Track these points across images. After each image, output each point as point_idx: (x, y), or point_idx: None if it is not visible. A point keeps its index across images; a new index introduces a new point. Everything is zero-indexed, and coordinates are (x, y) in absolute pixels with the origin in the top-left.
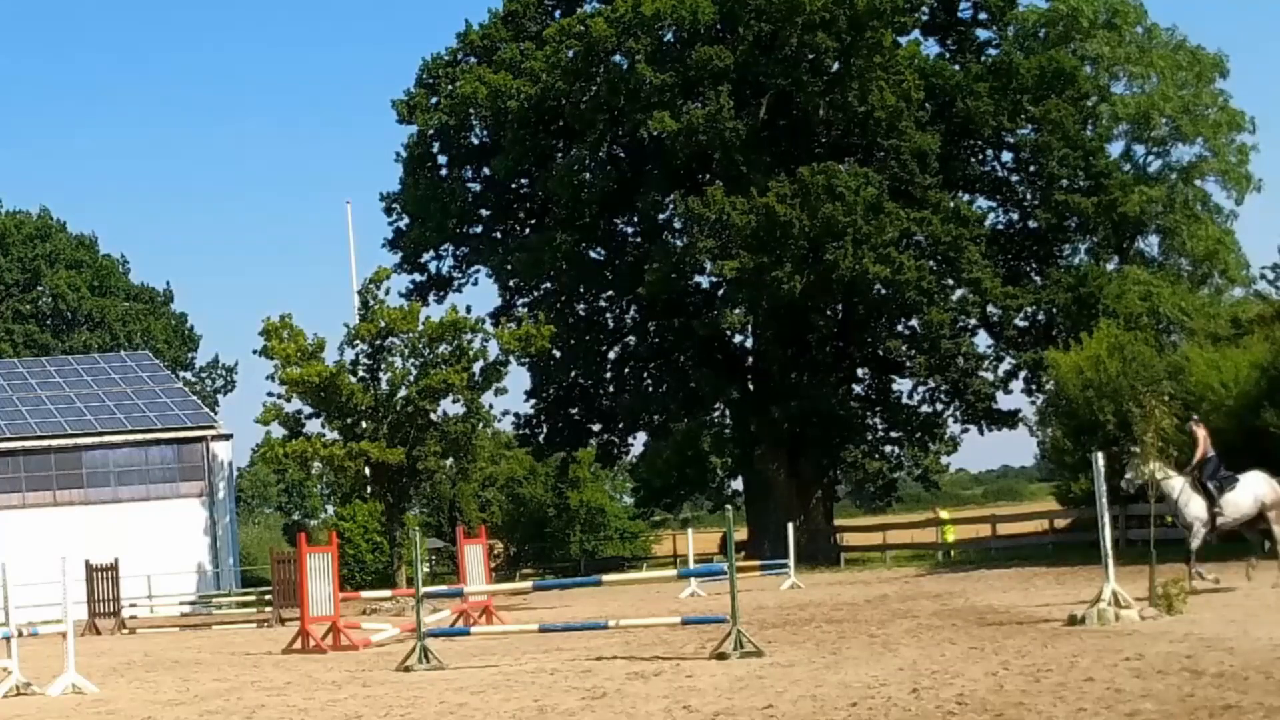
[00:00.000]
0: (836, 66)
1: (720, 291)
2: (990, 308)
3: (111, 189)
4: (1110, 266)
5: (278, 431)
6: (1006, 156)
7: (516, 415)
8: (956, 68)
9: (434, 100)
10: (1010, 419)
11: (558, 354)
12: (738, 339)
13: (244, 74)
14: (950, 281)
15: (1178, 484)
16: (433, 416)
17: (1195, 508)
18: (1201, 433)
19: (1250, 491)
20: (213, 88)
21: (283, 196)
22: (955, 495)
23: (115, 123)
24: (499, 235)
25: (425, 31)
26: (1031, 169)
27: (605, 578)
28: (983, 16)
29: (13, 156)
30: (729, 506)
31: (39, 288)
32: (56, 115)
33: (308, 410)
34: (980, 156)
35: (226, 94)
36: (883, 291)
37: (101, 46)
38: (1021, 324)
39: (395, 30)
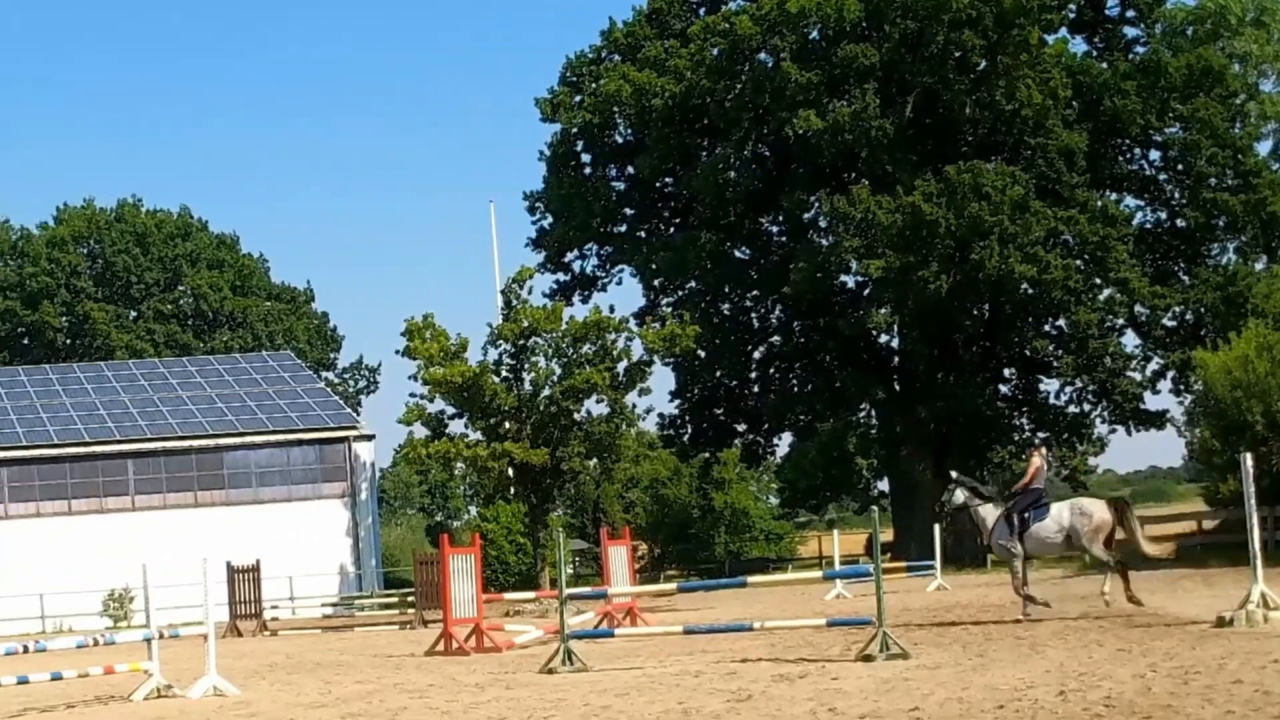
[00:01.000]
0: (983, 65)
1: (866, 291)
2: (1138, 307)
3: (252, 188)
4: (1259, 266)
5: (420, 432)
6: (1154, 155)
7: (661, 415)
8: (1104, 66)
9: (578, 98)
10: (1158, 419)
11: (702, 354)
12: (883, 339)
13: (387, 72)
14: (1098, 281)
15: (989, 514)
16: (576, 417)
17: (1002, 537)
18: (1035, 461)
19: (1055, 522)
20: (355, 85)
21: (426, 195)
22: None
23: (256, 121)
24: (643, 234)
25: (569, 29)
26: (1179, 168)
27: (750, 579)
28: (1130, 14)
29: (154, 155)
30: (875, 507)
31: (180, 287)
32: (197, 114)
33: (451, 410)
34: (1128, 155)
35: (368, 92)
36: (1029, 291)
37: (240, 45)
38: (1169, 324)
39: (539, 28)
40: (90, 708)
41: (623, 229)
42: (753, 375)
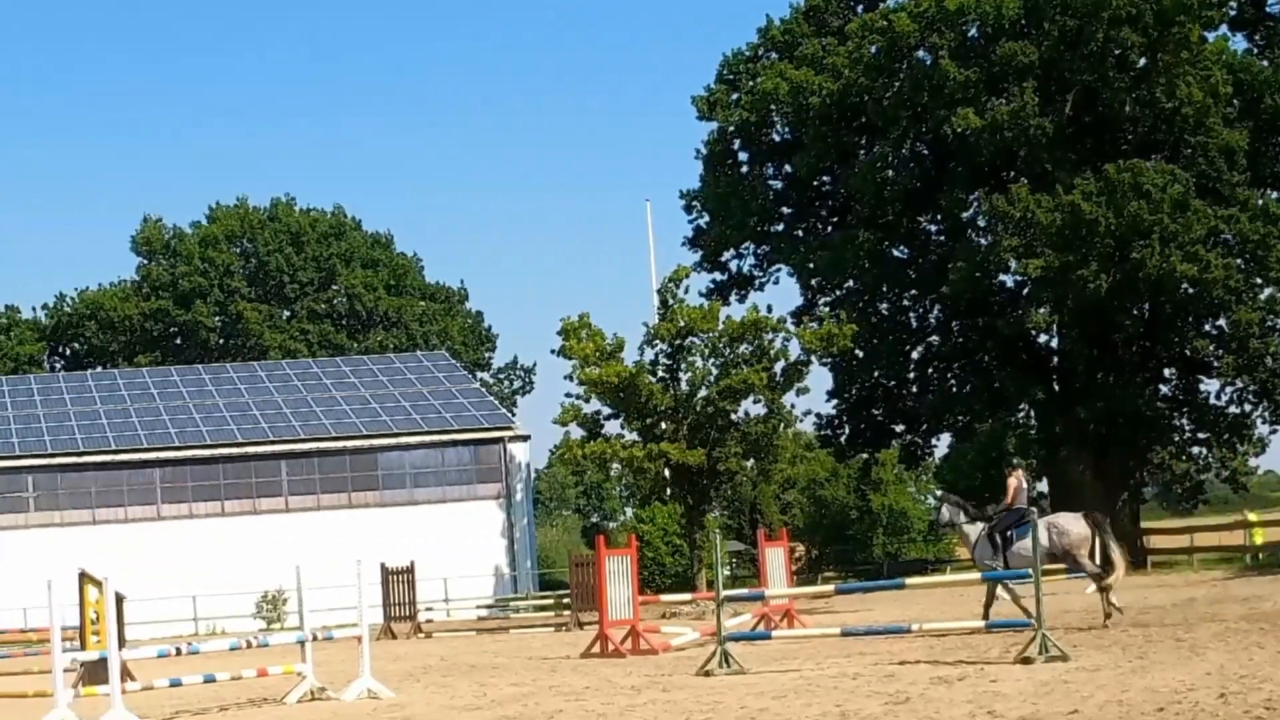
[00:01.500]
0: (1143, 62)
1: (1025, 290)
2: None
3: (406, 187)
4: None
5: (576, 432)
6: None
7: (818, 416)
8: (1265, 64)
9: (734, 96)
10: None
11: (860, 354)
12: (1042, 338)
13: (540, 69)
14: (1258, 280)
15: (974, 531)
16: (733, 417)
17: (985, 555)
18: (1013, 482)
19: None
20: (510, 84)
21: (580, 194)
22: (1264, 498)
23: (409, 120)
24: (800, 233)
25: (726, 27)
26: None
27: (908, 581)
28: None
29: (307, 154)
30: (1033, 509)
31: (334, 287)
32: (350, 113)
33: (607, 411)
34: None
35: (524, 91)
36: (1190, 290)
37: (390, 45)
38: None
39: (695, 25)
40: (243, 710)
41: (780, 228)
42: (911, 375)
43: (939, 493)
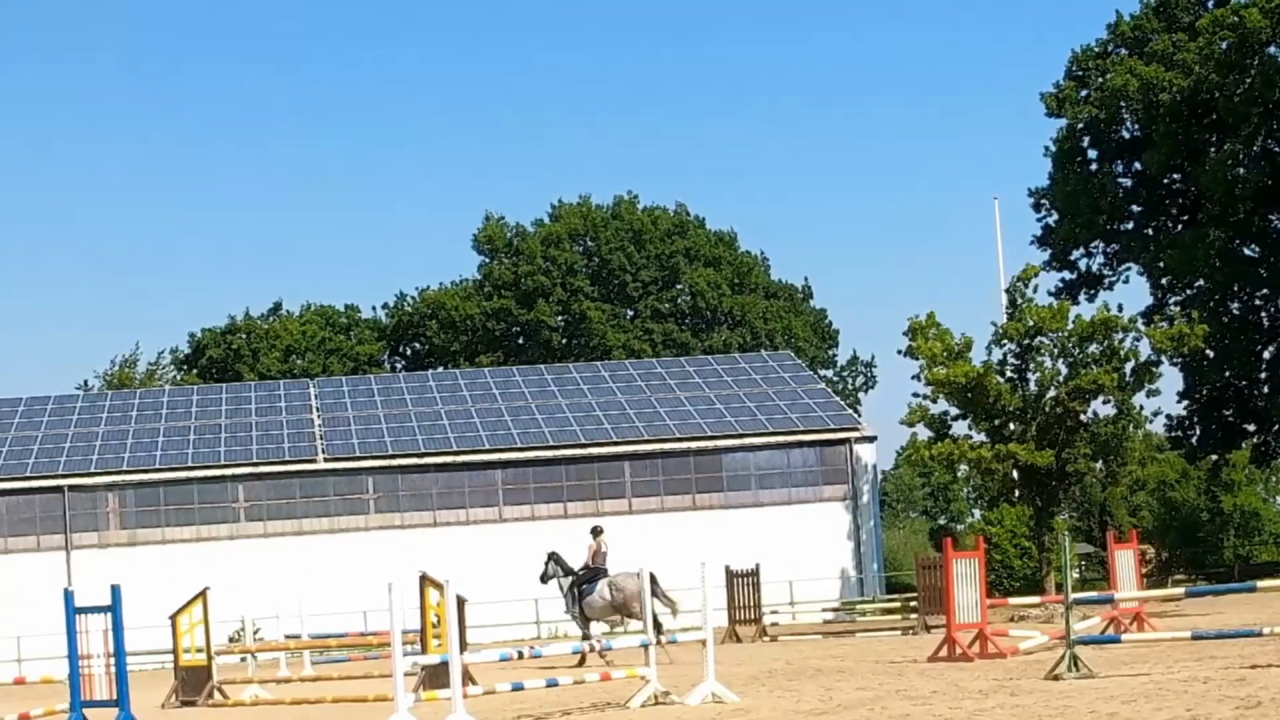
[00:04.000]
0: None
1: None
2: None
3: (750, 184)
4: None
5: (923, 433)
6: None
7: (1169, 416)
8: None
9: (1083, 93)
10: None
11: (1210, 354)
12: None
13: (886, 65)
14: None
15: (565, 585)
16: (1082, 418)
17: (568, 605)
18: (593, 545)
19: (599, 596)
20: (852, 80)
21: (925, 190)
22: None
23: (752, 115)
24: (1150, 232)
25: (1075, 22)
26: None
27: (1260, 584)
28: None
29: (651, 152)
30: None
31: (677, 285)
32: (693, 109)
33: (954, 411)
34: None
35: (865, 87)
36: None
37: (737, 43)
38: None
39: (1044, 21)
40: (586, 715)
41: (1129, 226)
42: (1262, 375)
43: (549, 552)
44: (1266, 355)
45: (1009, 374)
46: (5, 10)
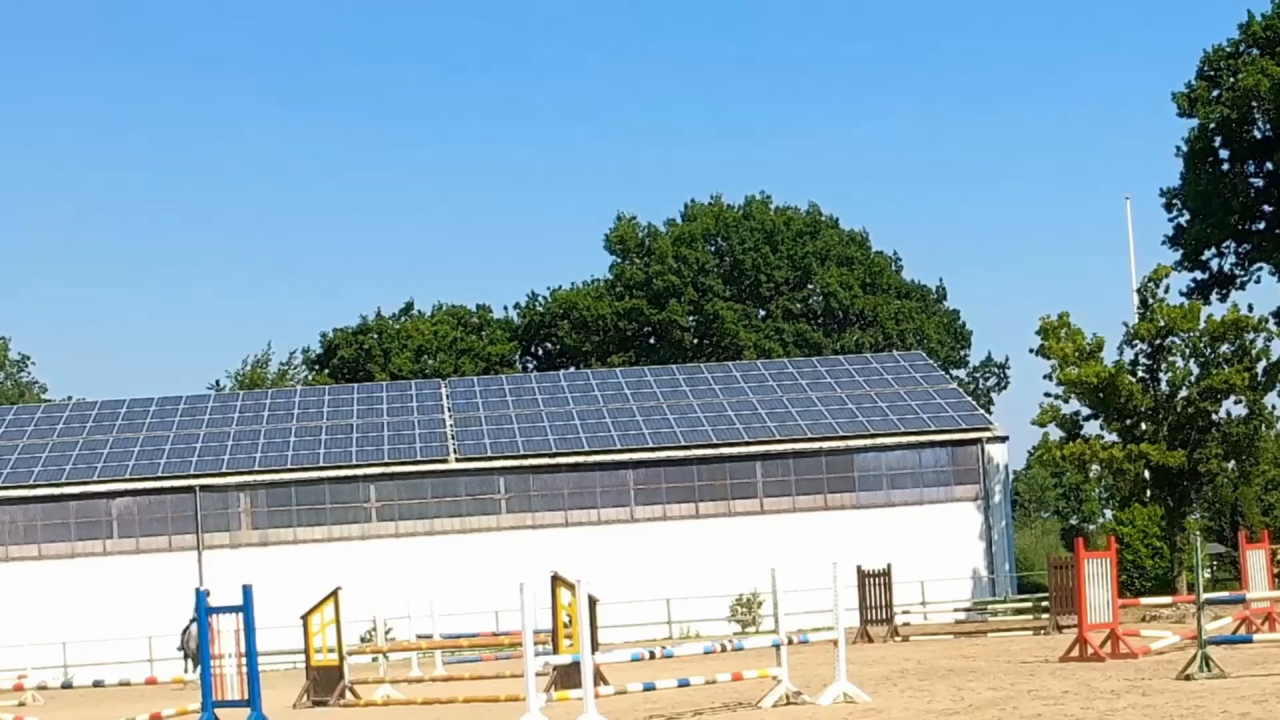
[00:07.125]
0: None
1: None
2: None
3: (883, 184)
4: None
5: (1055, 433)
6: None
7: None
8: None
9: (1215, 93)
10: None
11: None
12: None
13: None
14: None
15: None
16: (1214, 418)
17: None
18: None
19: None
20: (987, 80)
21: (1057, 190)
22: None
23: (885, 116)
24: None
25: (1207, 22)
26: None
27: None
28: None
29: (783, 151)
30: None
31: (809, 285)
32: (827, 109)
33: (1086, 411)
34: None
35: (1001, 88)
36: None
37: (871, 35)
38: None
39: (1175, 20)
40: (718, 715)
41: (1260, 226)
42: None
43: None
44: None
45: (1140, 374)
46: (140, 13)
